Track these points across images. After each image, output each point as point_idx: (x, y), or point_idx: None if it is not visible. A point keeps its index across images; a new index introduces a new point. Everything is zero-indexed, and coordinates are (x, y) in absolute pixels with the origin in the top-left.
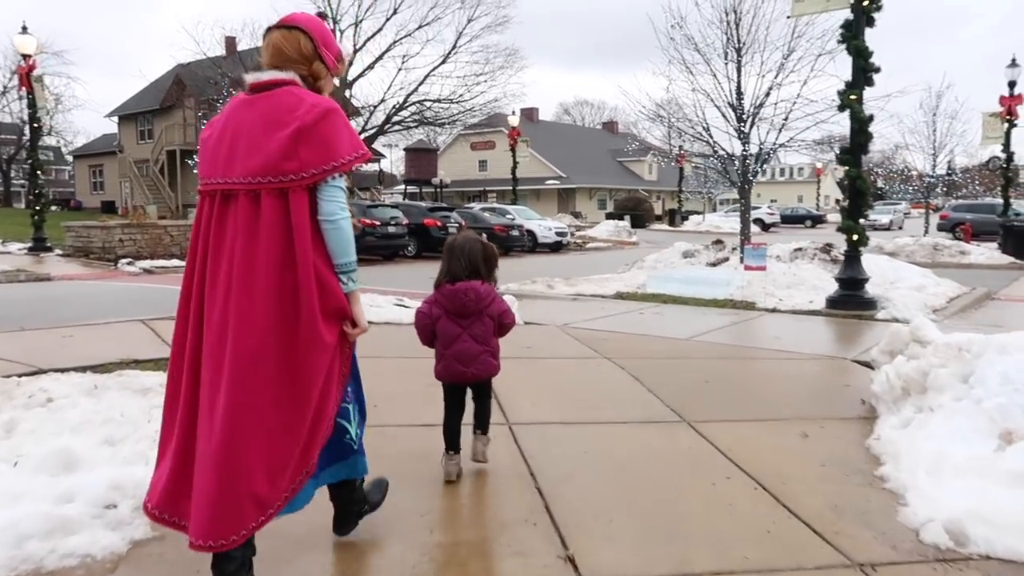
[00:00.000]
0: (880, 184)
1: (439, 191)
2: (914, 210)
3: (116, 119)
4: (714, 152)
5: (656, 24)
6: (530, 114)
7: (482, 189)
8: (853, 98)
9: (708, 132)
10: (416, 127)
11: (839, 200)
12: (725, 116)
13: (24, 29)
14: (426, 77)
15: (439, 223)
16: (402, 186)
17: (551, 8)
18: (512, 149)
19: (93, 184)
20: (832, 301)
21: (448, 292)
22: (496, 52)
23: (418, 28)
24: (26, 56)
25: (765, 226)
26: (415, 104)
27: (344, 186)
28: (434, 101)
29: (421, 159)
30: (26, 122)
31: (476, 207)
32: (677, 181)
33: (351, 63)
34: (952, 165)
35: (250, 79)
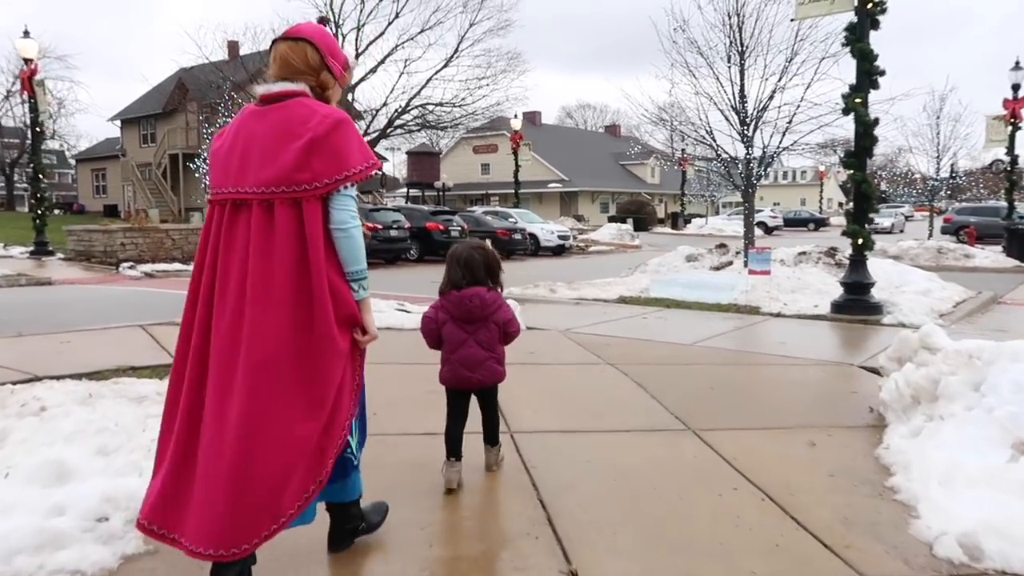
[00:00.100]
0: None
1: (441, 194)
2: (917, 213)
3: (119, 123)
4: (717, 155)
5: (659, 27)
6: (532, 117)
7: (484, 192)
8: (858, 101)
9: (711, 135)
10: (418, 131)
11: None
12: (728, 119)
13: (26, 33)
14: (428, 81)
15: (441, 226)
16: (404, 189)
17: (553, 12)
18: (514, 152)
19: (96, 188)
20: (837, 306)
21: (454, 298)
22: (498, 56)
23: (420, 32)
24: (28, 60)
25: (768, 229)
26: (417, 108)
27: (355, 195)
28: (436, 105)
29: (423, 162)
30: (29, 126)
31: (478, 210)
32: (680, 184)
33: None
34: (955, 168)
35: (261, 91)
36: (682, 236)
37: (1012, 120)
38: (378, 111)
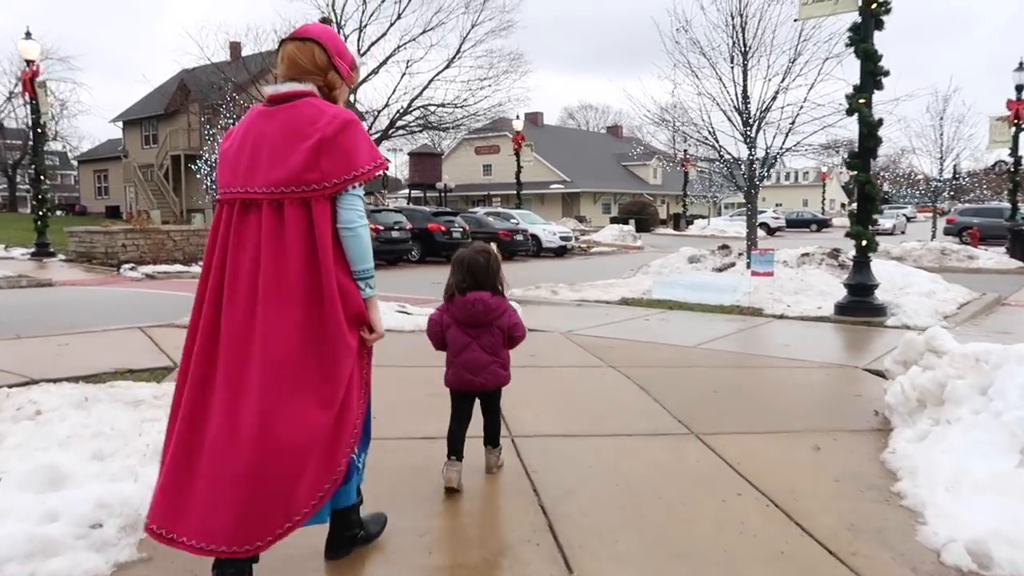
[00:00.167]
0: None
1: (443, 195)
2: (920, 214)
3: (121, 124)
4: (720, 156)
5: (661, 28)
6: (534, 118)
7: (486, 193)
8: (862, 102)
9: (714, 136)
10: (420, 131)
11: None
12: (731, 120)
13: (28, 35)
14: (430, 82)
15: (443, 227)
16: (406, 190)
17: (555, 13)
18: (516, 153)
19: (98, 189)
20: (841, 307)
21: (459, 302)
22: (500, 57)
23: (422, 33)
24: (30, 61)
25: (770, 230)
26: (419, 109)
27: (363, 195)
28: (438, 106)
29: (425, 163)
30: (31, 127)
31: (480, 211)
32: (682, 185)
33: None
34: (958, 169)
35: (269, 91)
36: (684, 237)
37: (1016, 121)
38: (380, 112)
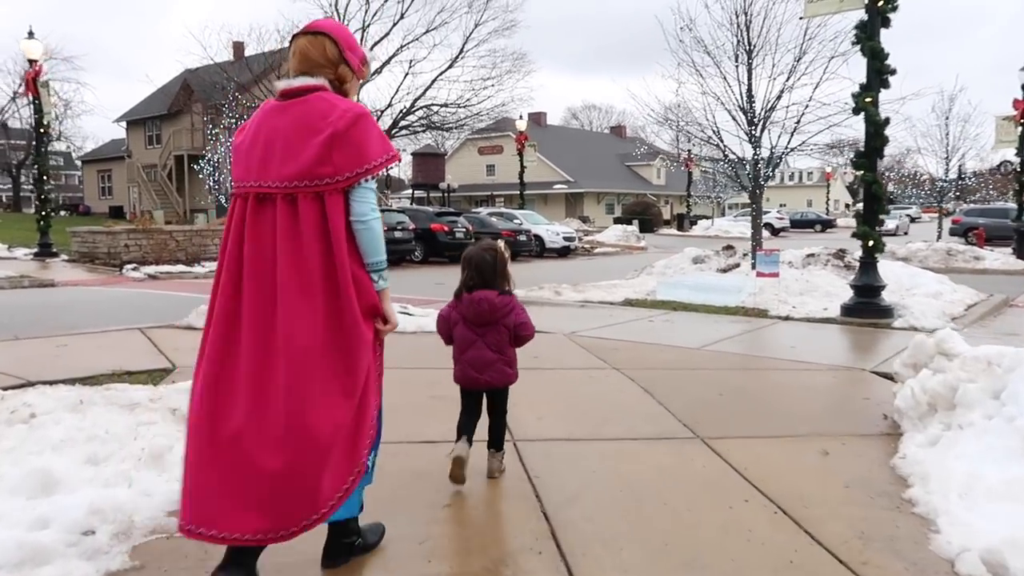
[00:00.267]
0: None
1: (446, 196)
2: (924, 214)
3: (124, 124)
4: (724, 156)
5: (665, 26)
6: (538, 118)
7: (490, 194)
8: (868, 101)
9: (718, 136)
10: (423, 131)
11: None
12: (736, 119)
13: (31, 34)
14: (433, 81)
15: (446, 228)
16: (409, 191)
17: (559, 12)
18: (520, 153)
19: (101, 189)
20: (847, 309)
21: (466, 300)
22: (503, 56)
23: (425, 32)
24: (32, 61)
25: (775, 230)
26: (422, 108)
27: (375, 188)
28: (441, 106)
29: (428, 164)
30: (34, 127)
31: (483, 212)
32: (686, 185)
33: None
34: (963, 169)
35: (281, 86)
36: (688, 237)
37: (1022, 121)
38: (383, 112)
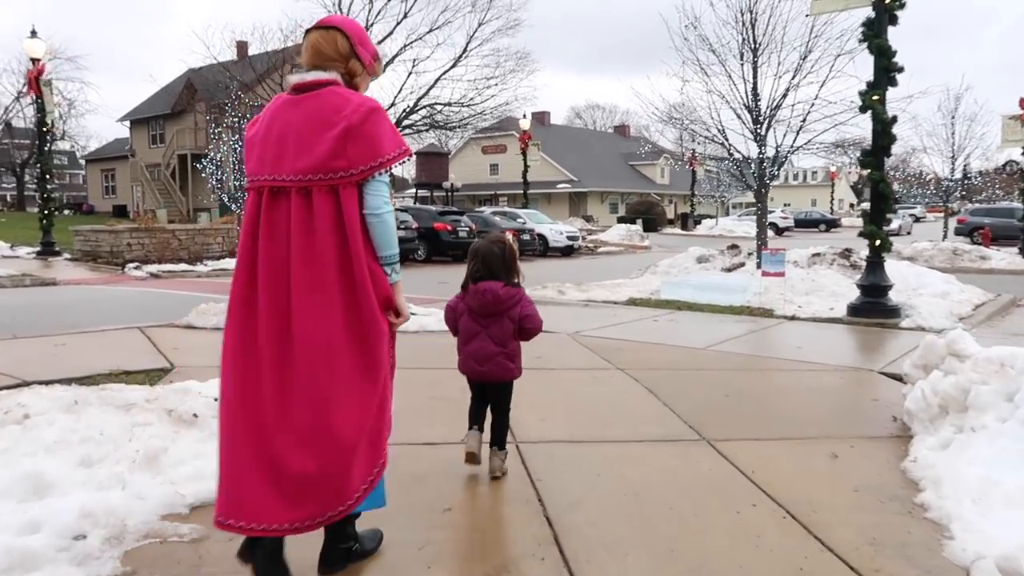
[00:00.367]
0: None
1: (450, 195)
2: (929, 214)
3: (128, 123)
4: (729, 155)
5: (670, 24)
6: (541, 118)
7: (493, 193)
8: (875, 99)
9: (723, 134)
10: (426, 131)
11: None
12: (741, 118)
13: (33, 33)
14: (437, 81)
15: (449, 227)
16: (413, 190)
17: (562, 11)
18: (523, 153)
19: (105, 188)
20: (854, 308)
21: (472, 290)
22: (507, 56)
23: (429, 32)
24: (35, 60)
25: (779, 230)
26: (426, 108)
27: (388, 181)
28: (445, 105)
29: (432, 163)
30: (37, 126)
31: (487, 211)
32: (689, 184)
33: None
34: (968, 169)
35: (294, 80)
36: (692, 237)
37: None
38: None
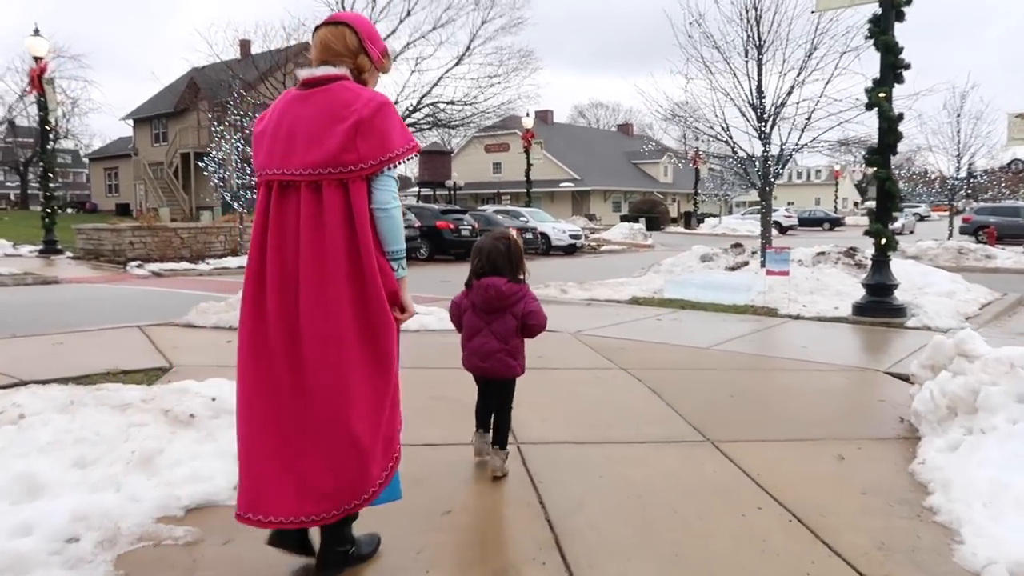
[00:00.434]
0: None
1: (452, 193)
2: (934, 213)
3: (131, 122)
4: (734, 153)
5: (674, 21)
6: (544, 116)
7: (496, 191)
8: (882, 96)
9: (728, 132)
10: (429, 129)
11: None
12: (745, 116)
13: (36, 31)
14: (440, 79)
15: (452, 225)
16: (415, 188)
17: (566, 9)
18: (526, 151)
19: (108, 187)
20: (859, 308)
21: (475, 286)
22: (510, 54)
23: (432, 30)
24: (38, 58)
25: (783, 229)
26: (428, 106)
27: (396, 177)
28: (448, 103)
29: (435, 161)
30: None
31: (489, 209)
32: (693, 183)
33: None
34: (972, 167)
35: (303, 75)
36: (695, 235)
37: None
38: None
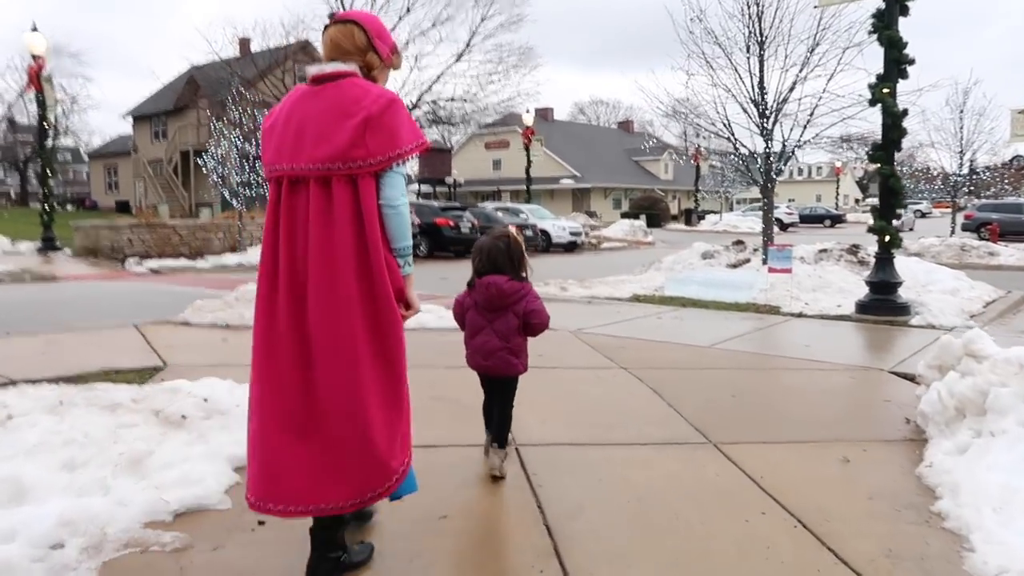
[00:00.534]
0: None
1: (452, 191)
2: (936, 209)
3: (131, 119)
4: (735, 150)
5: (675, 17)
6: (544, 113)
7: (496, 188)
8: (886, 91)
9: (729, 129)
10: (429, 126)
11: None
12: (747, 112)
13: (34, 28)
14: (439, 76)
15: (451, 222)
16: (416, 186)
17: (565, 6)
18: (526, 148)
19: (108, 184)
20: (862, 306)
21: (477, 285)
22: (510, 51)
23: (432, 27)
24: (36, 56)
25: (784, 226)
26: (428, 103)
27: (405, 173)
28: (448, 100)
29: (434, 159)
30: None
31: (489, 206)
32: (693, 180)
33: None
34: (975, 164)
35: (313, 71)
36: (696, 233)
37: None
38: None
